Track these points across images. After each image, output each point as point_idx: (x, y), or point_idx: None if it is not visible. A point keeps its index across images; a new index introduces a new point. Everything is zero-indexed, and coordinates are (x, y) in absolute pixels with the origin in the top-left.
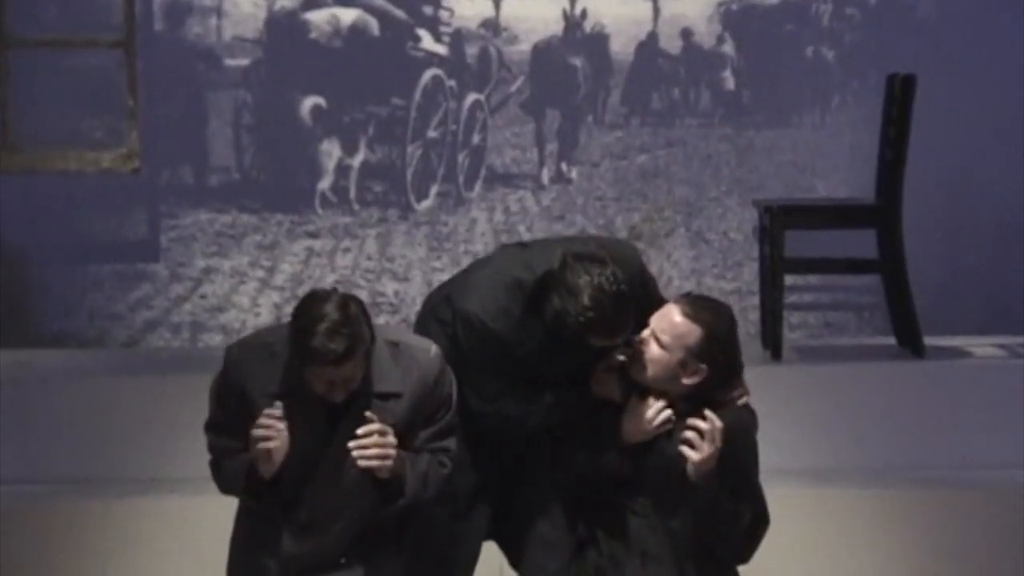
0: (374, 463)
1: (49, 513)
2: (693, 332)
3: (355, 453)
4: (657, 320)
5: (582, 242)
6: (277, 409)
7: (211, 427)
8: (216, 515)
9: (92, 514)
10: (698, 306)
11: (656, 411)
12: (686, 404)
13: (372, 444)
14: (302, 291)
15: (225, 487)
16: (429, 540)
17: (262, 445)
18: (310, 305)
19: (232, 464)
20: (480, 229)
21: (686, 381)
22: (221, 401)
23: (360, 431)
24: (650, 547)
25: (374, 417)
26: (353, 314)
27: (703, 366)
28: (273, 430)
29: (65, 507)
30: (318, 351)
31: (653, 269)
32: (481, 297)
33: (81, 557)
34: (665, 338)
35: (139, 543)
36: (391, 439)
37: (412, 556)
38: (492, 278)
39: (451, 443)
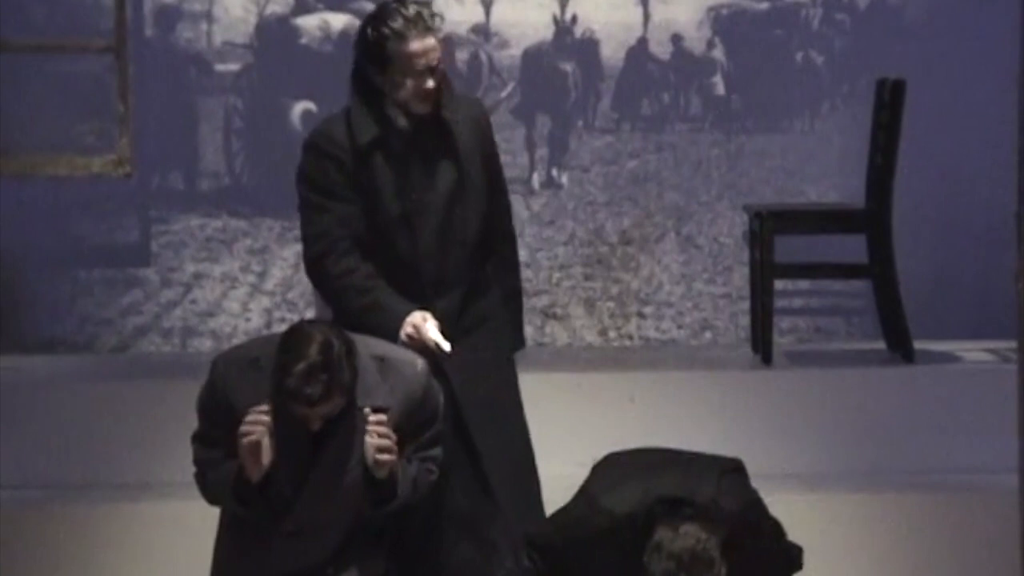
0: (385, 456)
1: (38, 518)
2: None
3: (368, 441)
4: None
5: None
6: (263, 407)
7: (197, 439)
8: (206, 520)
9: (81, 519)
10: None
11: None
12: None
13: (382, 434)
14: (292, 296)
15: (211, 498)
16: None
17: (246, 440)
18: (294, 341)
19: (217, 474)
20: None
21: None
22: (207, 414)
23: (371, 418)
24: None
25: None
26: (335, 356)
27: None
28: (257, 424)
29: (54, 512)
30: (291, 393)
31: (644, 273)
32: None
33: (69, 562)
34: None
35: (128, 548)
36: (392, 438)
37: None
38: None
39: (437, 451)
